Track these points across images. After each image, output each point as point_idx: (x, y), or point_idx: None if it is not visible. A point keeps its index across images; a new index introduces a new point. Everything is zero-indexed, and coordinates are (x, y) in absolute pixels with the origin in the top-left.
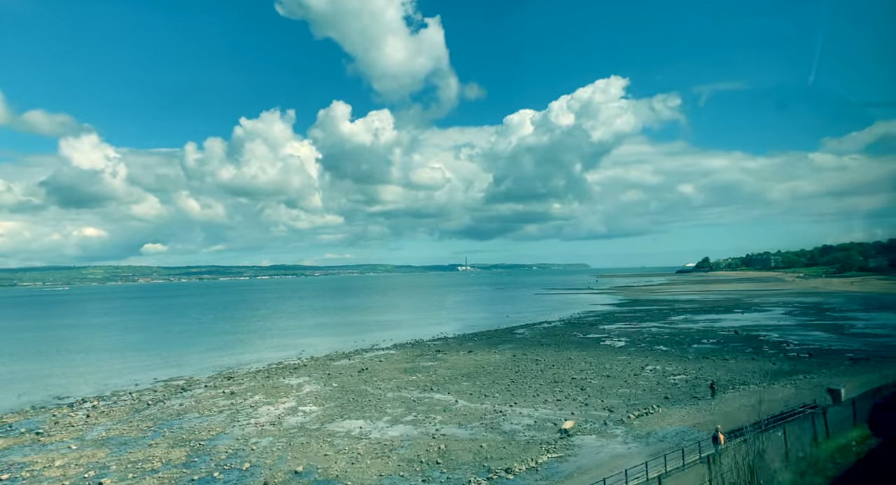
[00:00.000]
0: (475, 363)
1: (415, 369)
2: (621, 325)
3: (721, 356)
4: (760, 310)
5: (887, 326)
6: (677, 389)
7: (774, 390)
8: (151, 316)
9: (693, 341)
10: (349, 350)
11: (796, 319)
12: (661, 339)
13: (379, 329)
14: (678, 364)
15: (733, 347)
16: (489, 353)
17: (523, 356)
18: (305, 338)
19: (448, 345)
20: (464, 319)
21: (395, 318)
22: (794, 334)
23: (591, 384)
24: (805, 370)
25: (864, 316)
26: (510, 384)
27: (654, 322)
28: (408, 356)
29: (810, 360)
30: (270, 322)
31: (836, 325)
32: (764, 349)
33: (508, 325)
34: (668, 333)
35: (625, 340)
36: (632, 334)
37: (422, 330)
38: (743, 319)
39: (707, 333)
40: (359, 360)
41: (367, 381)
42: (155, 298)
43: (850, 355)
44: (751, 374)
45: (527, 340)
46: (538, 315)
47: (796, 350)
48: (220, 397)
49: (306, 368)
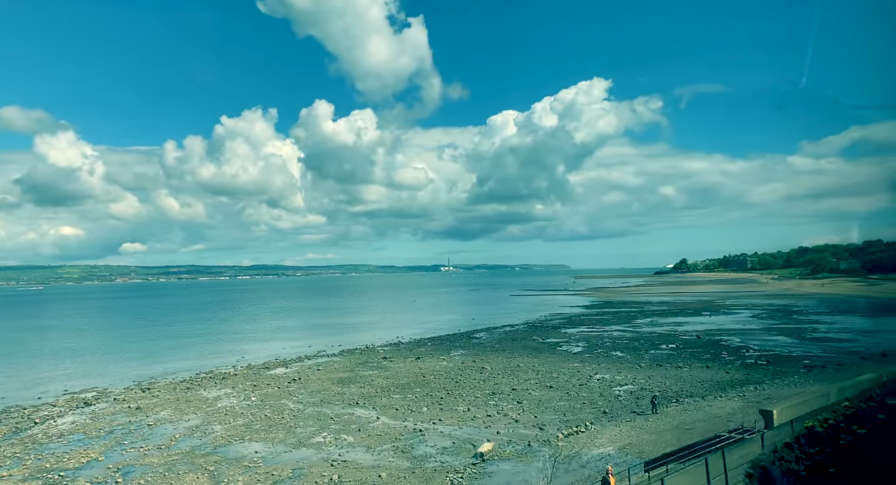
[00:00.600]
0: (418, 372)
1: (351, 380)
2: (585, 328)
3: (676, 364)
4: (729, 313)
5: (849, 330)
6: (619, 402)
7: (720, 404)
8: (108, 317)
9: (652, 347)
10: (293, 357)
11: (762, 322)
12: (620, 344)
13: (336, 333)
14: (629, 372)
15: (691, 354)
16: (438, 359)
17: (472, 364)
18: (254, 343)
19: (399, 351)
20: (429, 321)
21: (359, 320)
22: (756, 339)
23: (530, 397)
24: (758, 380)
25: (829, 319)
26: (444, 397)
27: (619, 326)
28: (350, 364)
29: (766, 368)
30: (227, 325)
31: (799, 329)
32: (722, 356)
33: (471, 328)
34: (629, 338)
35: (583, 346)
36: (592, 339)
37: (380, 334)
38: (709, 322)
39: (669, 338)
40: (297, 368)
41: (293, 393)
42: (125, 299)
43: (807, 362)
44: (700, 384)
45: (483, 345)
46: (505, 318)
47: (755, 357)
48: (122, 413)
49: (236, 378)
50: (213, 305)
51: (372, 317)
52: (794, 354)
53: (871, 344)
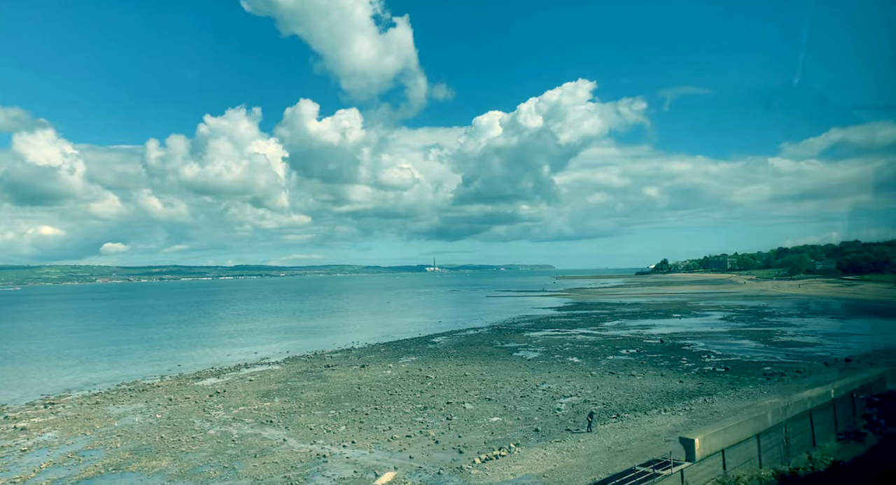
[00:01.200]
0: (356, 382)
1: (279, 392)
2: (549, 331)
3: (630, 371)
4: (699, 315)
5: (816, 334)
6: (556, 417)
7: (662, 420)
8: (65, 320)
9: (612, 352)
10: (232, 365)
11: (731, 325)
12: (580, 349)
13: (292, 337)
14: (579, 382)
15: (650, 360)
16: (384, 368)
17: (417, 372)
18: (201, 349)
19: (347, 358)
20: (393, 325)
21: (322, 324)
22: (720, 344)
23: (463, 411)
24: (711, 391)
25: (798, 322)
26: (371, 413)
27: (585, 328)
28: (288, 373)
29: (724, 376)
30: (183, 329)
31: (767, 332)
32: (681, 362)
33: (434, 332)
34: (591, 342)
35: (541, 351)
36: (553, 343)
37: (338, 338)
38: (677, 325)
39: (631, 342)
40: (230, 378)
41: (208, 409)
42: (98, 300)
43: (767, 369)
44: (649, 396)
45: (437, 350)
46: (473, 320)
47: (714, 363)
48: (2, 435)
49: (157, 390)
50: (182, 308)
51: (337, 320)
52: (756, 360)
53: (836, 349)
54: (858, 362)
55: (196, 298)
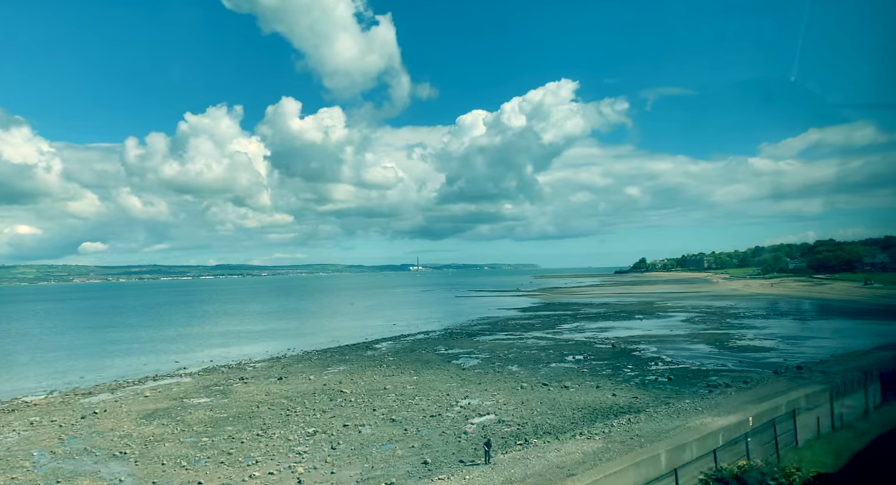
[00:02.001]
0: (260, 399)
1: (167, 412)
2: (502, 335)
3: (565, 382)
4: (663, 316)
5: (775, 337)
6: (458, 444)
7: (573, 446)
8: (8, 323)
9: (557, 359)
10: (140, 377)
11: (691, 327)
12: (525, 355)
13: (228, 343)
14: (505, 395)
15: (592, 368)
16: (303, 380)
17: (336, 385)
18: (119, 357)
19: (271, 367)
20: (344, 328)
21: (272, 327)
22: (673, 348)
23: (356, 437)
24: (642, 407)
25: (760, 324)
26: (249, 440)
27: (541, 331)
28: (193, 387)
29: (665, 386)
30: (121, 333)
31: (726, 335)
32: (625, 370)
33: (382, 336)
34: (540, 347)
35: (483, 358)
36: (500, 349)
37: (276, 344)
38: (637, 327)
39: (582, 347)
40: (125, 393)
41: (68, 435)
42: (66, 301)
43: (714, 379)
44: (573, 413)
45: (372, 358)
46: (429, 323)
47: (660, 372)
48: None
49: (33, 409)
50: (144, 309)
51: (290, 323)
52: (705, 367)
53: (791, 354)
54: (811, 370)
55: (164, 299)
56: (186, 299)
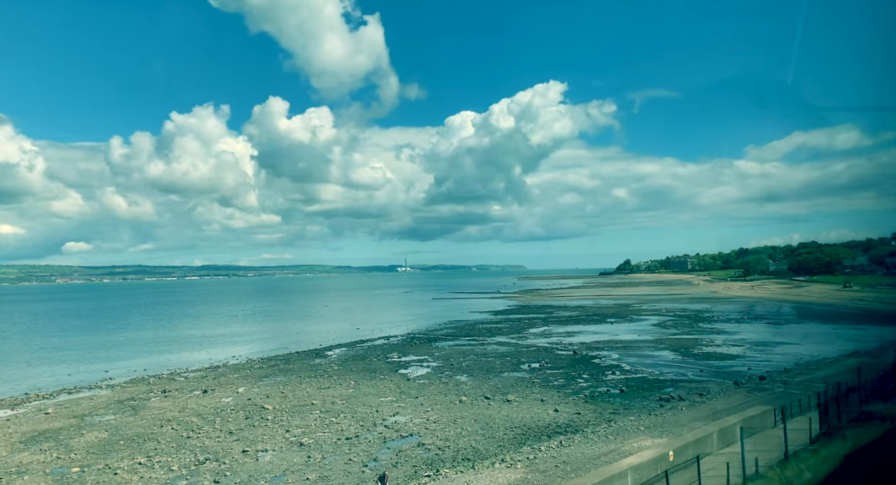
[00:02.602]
0: (171, 416)
1: (56, 434)
2: (465, 340)
3: (510, 395)
4: (636, 319)
5: (744, 343)
6: (361, 474)
7: (487, 478)
8: None
9: (511, 367)
10: (56, 389)
11: (661, 332)
12: (479, 363)
13: (175, 350)
14: (439, 411)
15: (544, 378)
16: (231, 391)
17: (264, 398)
18: (51, 365)
19: (204, 378)
20: (304, 332)
21: (232, 331)
22: (636, 355)
23: (249, 467)
24: (582, 425)
25: (732, 328)
26: (129, 470)
27: (506, 336)
28: (105, 402)
29: (614, 400)
30: (69, 338)
31: (694, 340)
32: (578, 380)
33: (339, 341)
34: (497, 354)
35: (434, 366)
36: (456, 356)
37: (225, 350)
38: (606, 331)
39: (542, 354)
40: (29, 409)
41: None
42: (35, 302)
43: (669, 390)
44: (504, 433)
45: (318, 367)
46: (395, 327)
47: (614, 382)
48: None
49: None
50: (109, 311)
51: (251, 326)
52: (664, 377)
53: (757, 362)
54: (774, 380)
55: (139, 300)
56: (161, 301)
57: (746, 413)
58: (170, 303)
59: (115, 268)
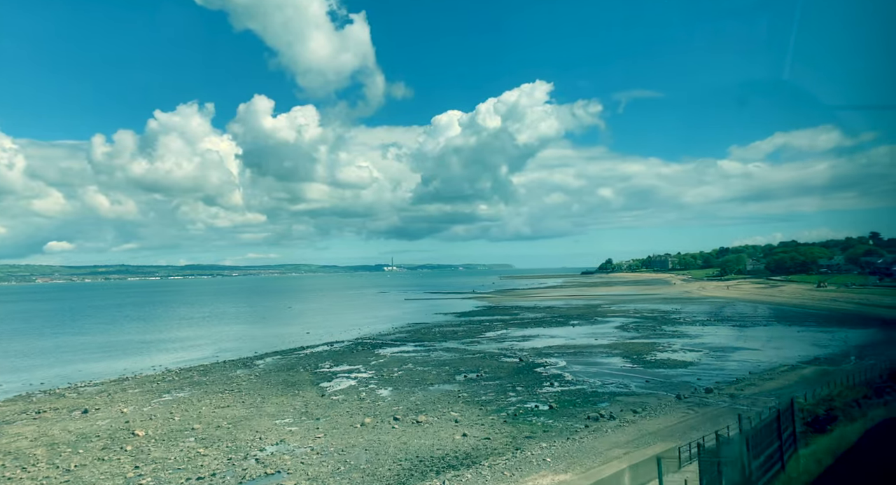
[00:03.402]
0: (20, 447)
1: None
2: (411, 346)
3: (423, 414)
4: (600, 321)
5: (702, 348)
6: None
7: None
8: None
9: (445, 379)
10: None
11: (620, 335)
12: (413, 373)
13: (99, 357)
14: (333, 437)
15: (474, 391)
16: (117, 411)
17: (145, 420)
18: None
19: (103, 391)
20: (250, 337)
21: (175, 336)
22: (584, 362)
23: None
24: (485, 454)
25: (695, 331)
26: None
27: (457, 341)
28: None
29: (539, 418)
30: (9, 343)
31: (651, 345)
32: (511, 393)
33: (278, 348)
34: (438, 363)
35: (362, 378)
36: (392, 365)
37: (149, 358)
38: (563, 335)
39: (486, 362)
40: None
41: None
42: (9, 303)
43: (604, 406)
44: (389, 467)
45: (235, 379)
46: (346, 331)
47: (548, 395)
48: None
49: None
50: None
51: (199, 330)
52: (605, 389)
53: (710, 371)
54: (720, 393)
55: (109, 301)
56: (129, 302)
57: (657, 448)
58: (137, 304)
59: (97, 267)
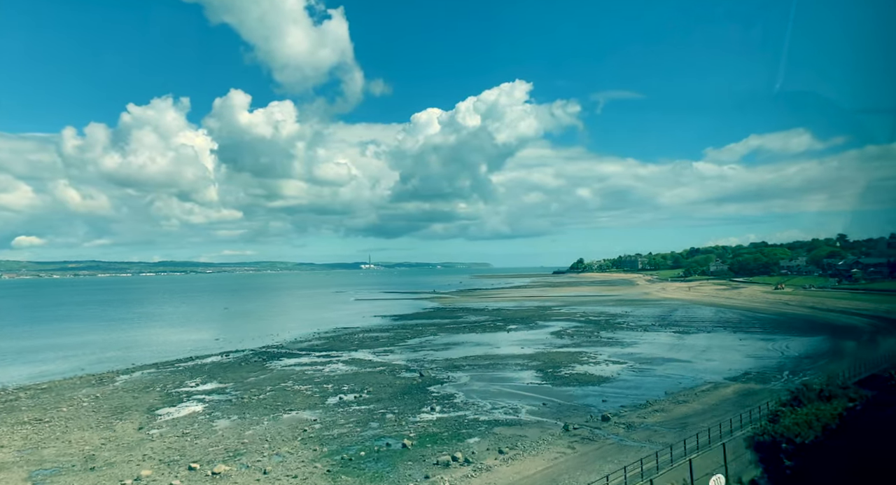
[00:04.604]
0: None
1: None
2: (311, 358)
3: (233, 461)
4: (540, 326)
5: (627, 360)
6: None
7: None
8: None
9: (316, 400)
10: None
11: (551, 342)
12: (285, 394)
13: None
14: None
15: (334, 419)
16: None
17: None
18: None
19: None
20: (145, 344)
21: (74, 341)
22: (488, 379)
23: None
24: None
25: (632, 338)
26: None
27: (371, 350)
28: None
29: (381, 461)
30: None
31: (575, 355)
32: (375, 422)
33: (159, 360)
34: (322, 380)
35: (215, 401)
36: (268, 383)
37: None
38: (491, 342)
39: (378, 378)
40: None
41: None
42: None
43: (472, 441)
44: None
45: (71, 400)
46: (258, 339)
47: (416, 427)
48: None
49: None
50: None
51: (101, 335)
52: (487, 416)
53: (621, 391)
54: (619, 422)
55: (61, 299)
56: (77, 300)
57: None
58: (80, 303)
59: (67, 263)
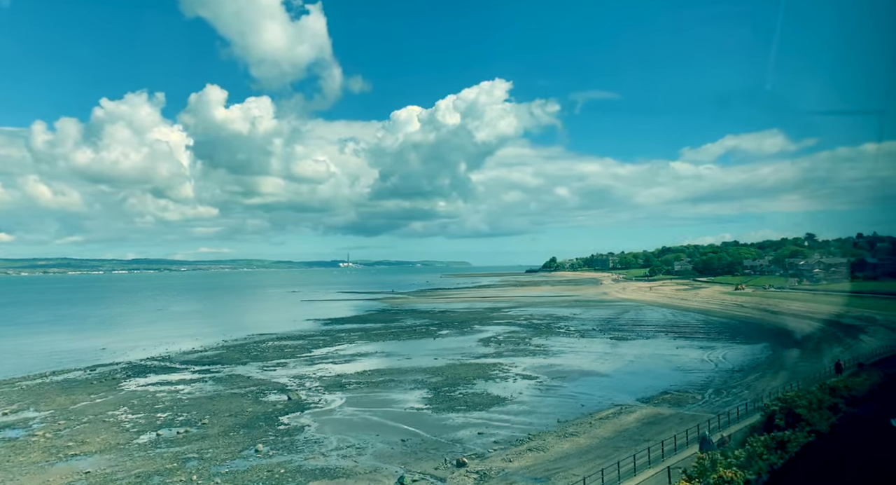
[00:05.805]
0: None
1: None
2: (187, 374)
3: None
4: (475, 331)
5: (537, 376)
6: None
7: None
8: None
9: (126, 438)
10: None
11: (473, 351)
12: (95, 428)
13: None
14: None
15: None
16: None
17: None
18: None
19: None
20: (26, 353)
21: None
22: (364, 403)
23: None
24: None
25: (561, 346)
26: None
27: (262, 364)
28: None
29: None
30: None
31: (484, 369)
32: (161, 476)
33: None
34: (175, 404)
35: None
36: (104, 408)
37: None
38: (403, 353)
39: (243, 399)
40: None
41: None
42: None
43: None
44: None
45: None
46: (150, 347)
47: (217, 478)
48: None
49: None
50: None
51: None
52: (320, 465)
53: (505, 422)
54: (476, 466)
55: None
56: (22, 299)
57: None
58: (20, 303)
59: (36, 260)
